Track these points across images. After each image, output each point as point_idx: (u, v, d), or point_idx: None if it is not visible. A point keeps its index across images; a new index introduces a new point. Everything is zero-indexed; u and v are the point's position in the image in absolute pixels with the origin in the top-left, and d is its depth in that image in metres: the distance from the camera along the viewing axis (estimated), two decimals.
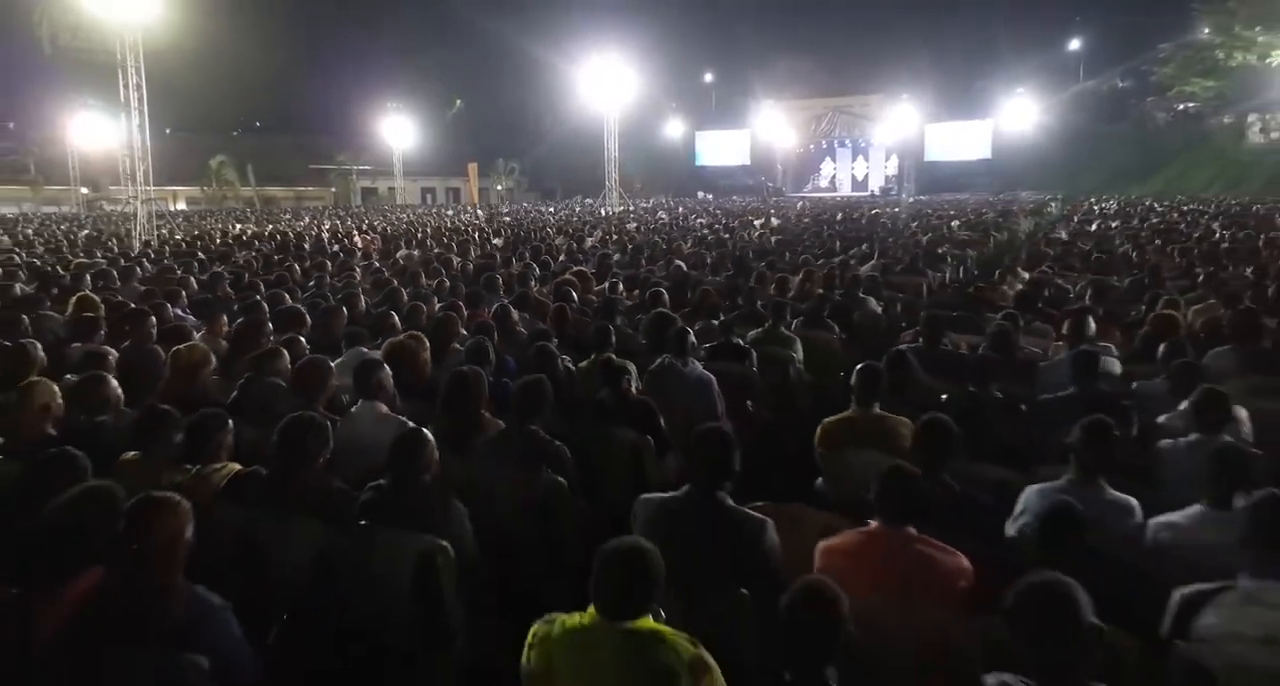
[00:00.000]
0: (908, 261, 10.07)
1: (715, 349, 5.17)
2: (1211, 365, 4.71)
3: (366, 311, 6.33)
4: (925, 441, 2.82)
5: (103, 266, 9.68)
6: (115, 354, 4.68)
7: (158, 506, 2.19)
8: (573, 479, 3.24)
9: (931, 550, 2.34)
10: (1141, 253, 10.52)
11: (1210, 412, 3.09)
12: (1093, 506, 2.56)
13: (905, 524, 2.40)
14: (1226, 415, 3.12)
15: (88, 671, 2.06)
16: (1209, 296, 6.50)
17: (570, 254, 11.64)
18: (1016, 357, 4.45)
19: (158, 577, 2.13)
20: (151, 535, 2.13)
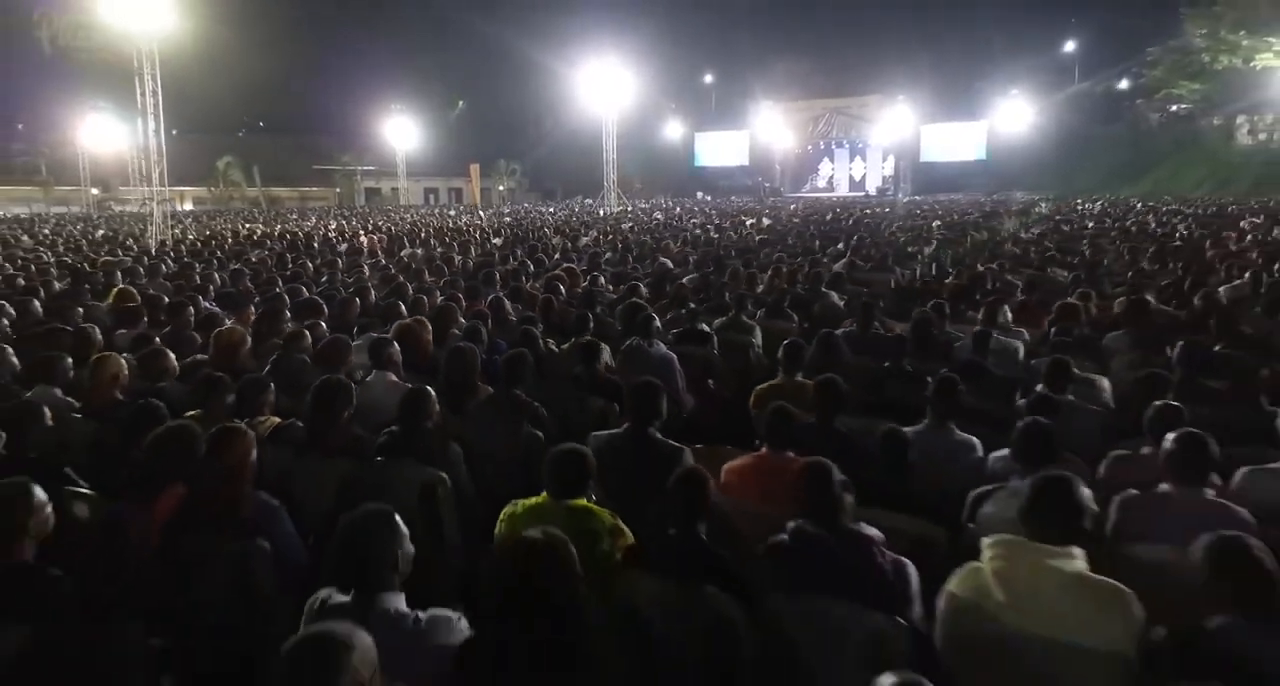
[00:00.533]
0: (878, 259, 10.83)
1: (681, 334, 5.92)
2: (1110, 345, 5.48)
3: (375, 303, 7.07)
4: (820, 397, 3.56)
5: (128, 264, 10.45)
6: (158, 338, 5.44)
7: (231, 433, 2.94)
8: (549, 433, 3.98)
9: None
10: (1096, 251, 11.25)
11: (1056, 378, 3.84)
12: (942, 443, 3.30)
13: (785, 450, 3.15)
14: (1068, 379, 3.86)
15: (180, 557, 2.80)
16: (1135, 291, 7.25)
17: (564, 252, 12.38)
18: (933, 339, 5.18)
19: (233, 487, 2.88)
20: (227, 454, 2.89)
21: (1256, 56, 31.71)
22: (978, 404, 3.64)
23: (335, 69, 57.93)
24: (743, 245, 13.37)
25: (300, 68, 56.91)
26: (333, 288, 7.97)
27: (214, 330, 5.11)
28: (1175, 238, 13.05)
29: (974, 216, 21.88)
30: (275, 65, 53.78)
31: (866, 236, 14.09)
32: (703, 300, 7.38)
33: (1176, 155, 41.56)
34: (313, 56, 57.17)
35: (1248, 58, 32.15)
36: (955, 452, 3.35)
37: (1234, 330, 5.15)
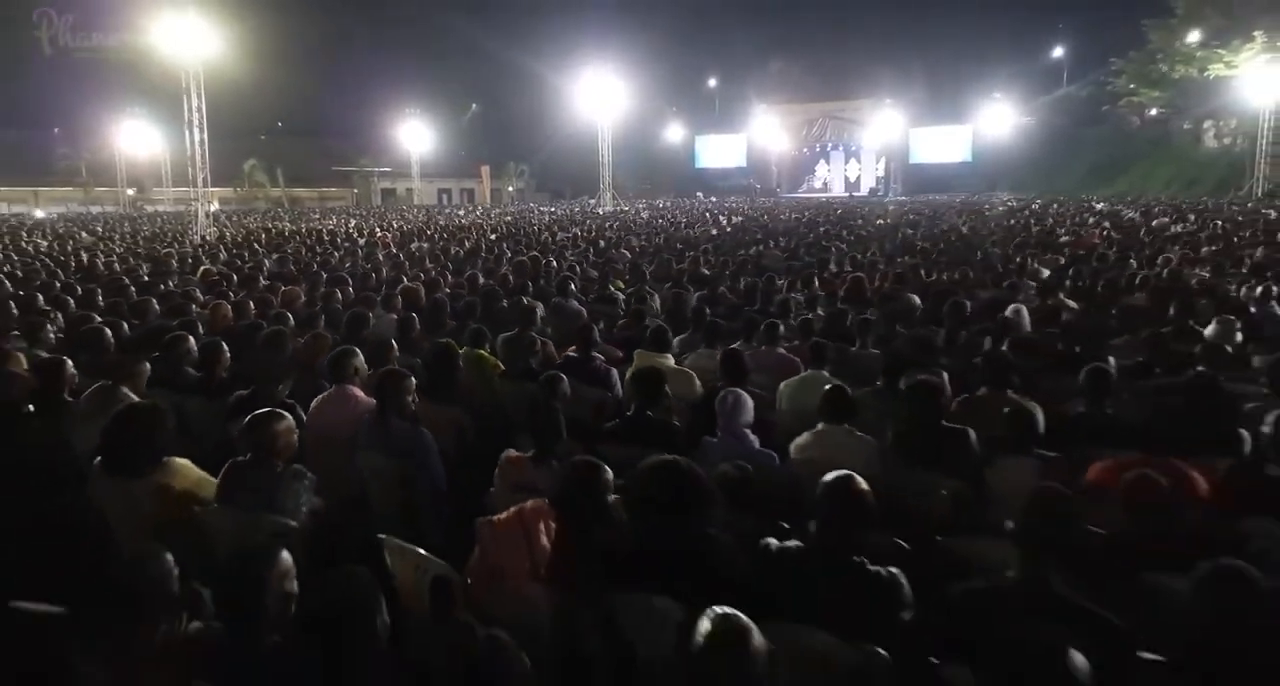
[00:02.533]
0: (796, 252, 13.43)
1: (596, 297, 8.54)
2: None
3: (385, 278, 9.72)
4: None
5: (193, 253, 13.20)
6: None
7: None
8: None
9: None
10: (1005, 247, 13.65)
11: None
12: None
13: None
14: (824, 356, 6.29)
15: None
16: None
17: (543, 245, 15.04)
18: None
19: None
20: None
21: (1210, 66, 33.99)
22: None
23: (354, 77, 60.85)
24: (694, 241, 15.94)
25: (321, 76, 59.88)
26: (355, 268, 10.64)
27: (279, 291, 7.79)
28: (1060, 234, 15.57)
29: (919, 216, 24.27)
30: (297, 74, 56.82)
31: (808, 233, 16.65)
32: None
33: (1149, 157, 43.81)
34: (333, 66, 60.10)
35: (1202, 67, 34.43)
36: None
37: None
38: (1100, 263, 10.27)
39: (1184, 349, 5.13)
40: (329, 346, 5.13)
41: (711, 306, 7.33)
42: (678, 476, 2.54)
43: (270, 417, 3.31)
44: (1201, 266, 9.83)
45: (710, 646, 1.88)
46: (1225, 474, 3.20)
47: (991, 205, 30.93)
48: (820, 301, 7.58)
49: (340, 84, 61.78)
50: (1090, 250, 12.41)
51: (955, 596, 2.47)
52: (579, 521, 2.57)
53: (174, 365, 5.02)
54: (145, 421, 3.24)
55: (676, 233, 17.56)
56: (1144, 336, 5.51)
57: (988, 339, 5.79)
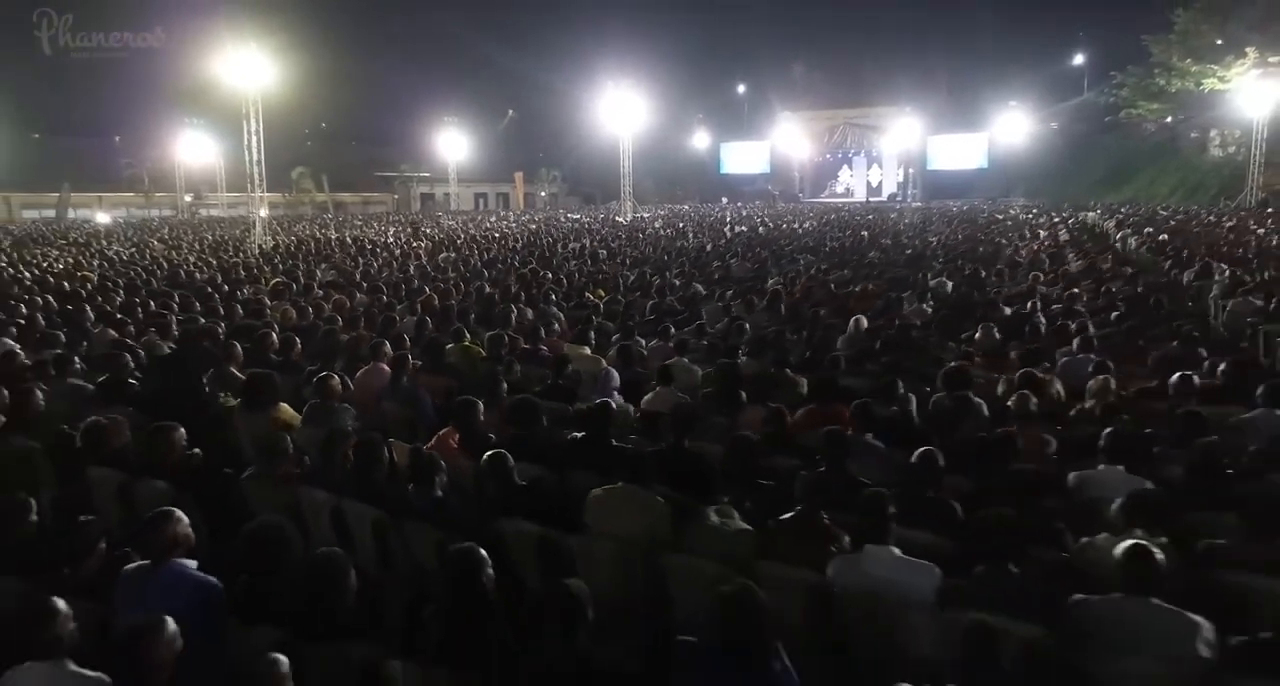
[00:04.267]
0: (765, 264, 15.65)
1: (575, 304, 10.86)
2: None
3: (414, 288, 12.14)
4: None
5: (253, 263, 15.77)
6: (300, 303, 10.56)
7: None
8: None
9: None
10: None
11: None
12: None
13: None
14: (669, 377, 8.69)
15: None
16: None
17: (553, 255, 17.43)
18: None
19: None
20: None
21: (1204, 81, 35.49)
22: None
23: (395, 88, 63.97)
24: (681, 251, 18.21)
25: (364, 87, 63.20)
26: (390, 276, 13.11)
27: (331, 298, 10.24)
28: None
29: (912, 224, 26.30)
30: (343, 86, 60.15)
31: (786, 244, 18.85)
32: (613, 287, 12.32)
33: (1156, 164, 45.18)
34: (376, 78, 63.29)
35: (1197, 82, 35.94)
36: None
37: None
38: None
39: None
40: (368, 340, 7.52)
41: (652, 313, 9.64)
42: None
43: (327, 378, 5.70)
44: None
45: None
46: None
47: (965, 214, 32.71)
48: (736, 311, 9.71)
49: (382, 95, 65.09)
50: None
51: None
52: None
53: (263, 351, 7.43)
54: (267, 383, 5.66)
55: (670, 244, 19.82)
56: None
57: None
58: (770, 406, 5.07)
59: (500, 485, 4.11)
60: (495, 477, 4.13)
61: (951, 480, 3.98)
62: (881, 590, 2.95)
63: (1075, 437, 4.60)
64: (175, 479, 4.41)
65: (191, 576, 3.13)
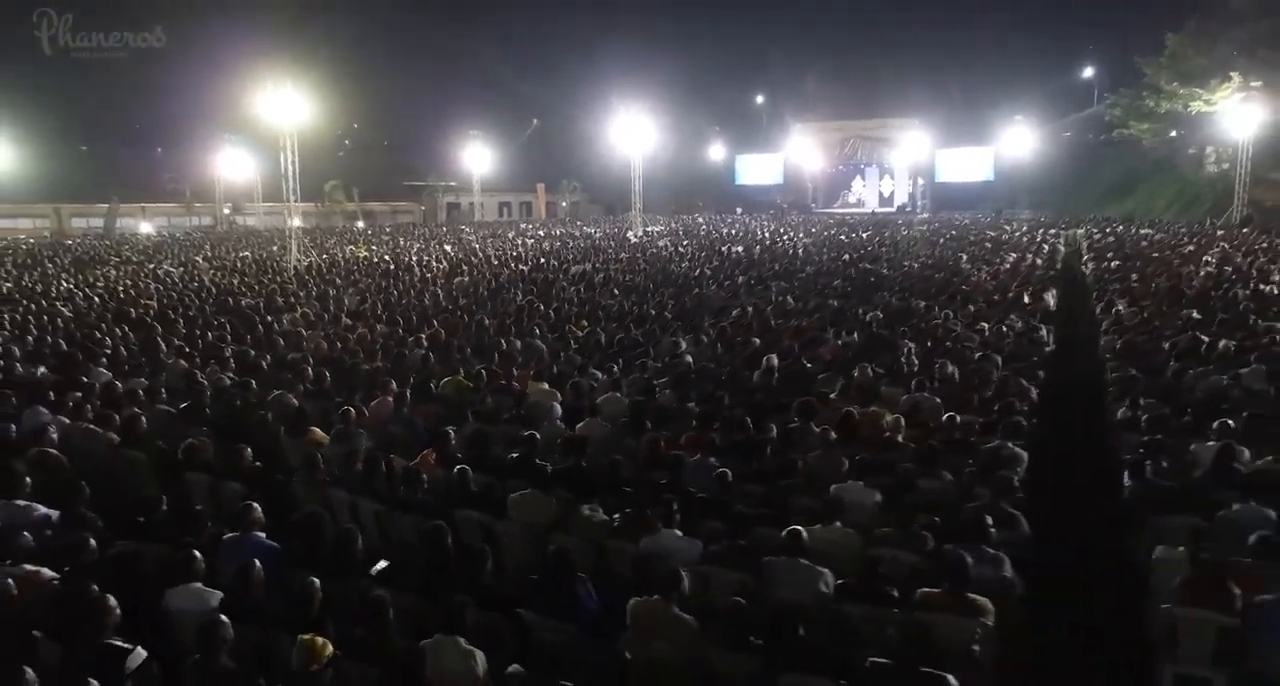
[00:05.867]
0: (737, 292, 17.68)
1: (556, 337, 12.95)
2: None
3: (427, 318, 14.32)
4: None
5: (291, 287, 18.06)
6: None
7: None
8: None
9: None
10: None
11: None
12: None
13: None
14: (580, 394, 10.75)
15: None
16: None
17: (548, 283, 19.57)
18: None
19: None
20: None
21: (1191, 103, 37.04)
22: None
23: (425, 100, 67.00)
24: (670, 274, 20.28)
25: (394, 101, 66.22)
26: (410, 303, 15.33)
27: (355, 331, 12.45)
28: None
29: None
30: (376, 100, 63.13)
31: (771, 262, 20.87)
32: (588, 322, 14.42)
33: (1156, 178, 46.64)
34: (407, 91, 66.28)
35: (1184, 104, 37.48)
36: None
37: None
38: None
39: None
40: (383, 372, 9.68)
41: (616, 346, 11.74)
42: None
43: (348, 411, 7.84)
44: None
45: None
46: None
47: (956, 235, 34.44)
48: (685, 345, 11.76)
49: (412, 108, 68.26)
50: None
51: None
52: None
53: (299, 379, 9.62)
54: (302, 416, 7.83)
55: (664, 267, 21.91)
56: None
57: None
58: (655, 434, 7.20)
59: (461, 489, 6.24)
60: (458, 484, 6.27)
61: (750, 488, 6.06)
62: (663, 553, 5.04)
63: (862, 461, 6.64)
64: (246, 482, 6.60)
65: (264, 543, 5.29)
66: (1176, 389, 8.45)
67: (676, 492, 5.89)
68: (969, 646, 4.28)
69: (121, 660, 3.87)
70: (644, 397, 8.41)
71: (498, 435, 7.41)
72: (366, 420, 8.18)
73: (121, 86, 52.75)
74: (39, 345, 12.00)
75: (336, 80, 54.36)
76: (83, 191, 51.98)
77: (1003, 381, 8.80)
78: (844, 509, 5.66)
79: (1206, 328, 12.29)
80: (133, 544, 5.37)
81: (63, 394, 8.98)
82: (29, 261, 26.61)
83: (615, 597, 4.63)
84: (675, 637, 4.18)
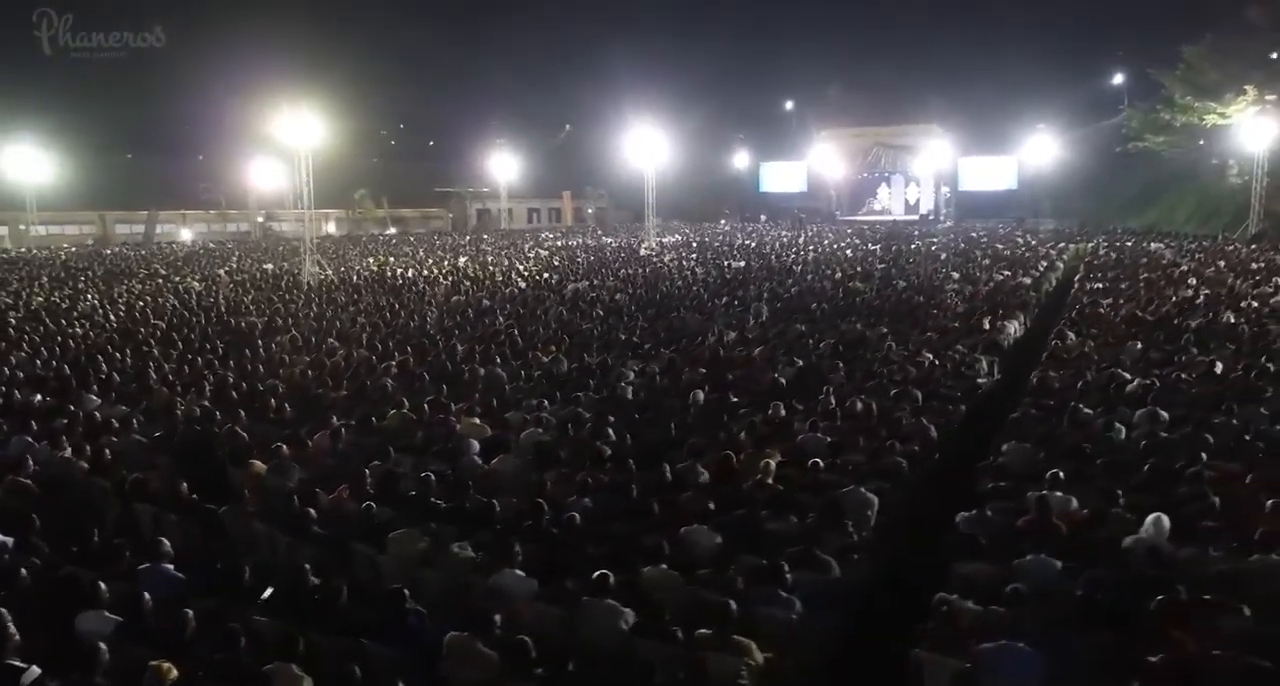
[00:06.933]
0: (714, 315, 18.39)
1: (521, 363, 13.79)
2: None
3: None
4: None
5: (299, 308, 19.16)
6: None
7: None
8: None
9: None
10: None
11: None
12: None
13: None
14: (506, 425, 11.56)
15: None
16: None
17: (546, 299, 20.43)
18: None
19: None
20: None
21: (1206, 116, 36.93)
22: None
23: (458, 107, 68.60)
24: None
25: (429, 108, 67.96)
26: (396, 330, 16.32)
27: (336, 353, 13.41)
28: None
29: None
30: (408, 106, 64.82)
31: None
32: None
33: (1177, 190, 46.38)
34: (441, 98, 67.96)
35: (1199, 117, 37.38)
36: None
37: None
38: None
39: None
40: (338, 404, 10.61)
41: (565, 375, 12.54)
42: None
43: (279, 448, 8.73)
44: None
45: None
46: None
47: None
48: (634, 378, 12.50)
49: (445, 115, 69.87)
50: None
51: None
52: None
53: (265, 411, 10.58)
54: (245, 448, 8.75)
55: (659, 286, 22.69)
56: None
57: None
58: (553, 470, 8.04)
59: (362, 523, 7.10)
60: (360, 519, 7.13)
61: (616, 527, 6.86)
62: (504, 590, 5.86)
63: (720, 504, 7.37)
64: (183, 512, 7.53)
65: (170, 573, 6.17)
66: (1051, 433, 9.01)
67: (539, 532, 6.70)
68: (735, 681, 5.01)
69: (17, 677, 4.75)
70: (554, 435, 9.19)
71: (415, 470, 8.24)
72: (309, 452, 9.08)
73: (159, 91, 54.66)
74: (45, 368, 13.13)
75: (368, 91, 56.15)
76: (125, 198, 54.07)
77: (894, 422, 9.43)
78: (690, 550, 6.42)
79: (1146, 360, 12.84)
80: (71, 569, 6.32)
81: (51, 421, 10.05)
82: (63, 275, 28.13)
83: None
84: (479, 669, 4.97)
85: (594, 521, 6.97)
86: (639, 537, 6.66)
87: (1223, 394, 10.10)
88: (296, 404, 11.00)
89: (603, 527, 6.89)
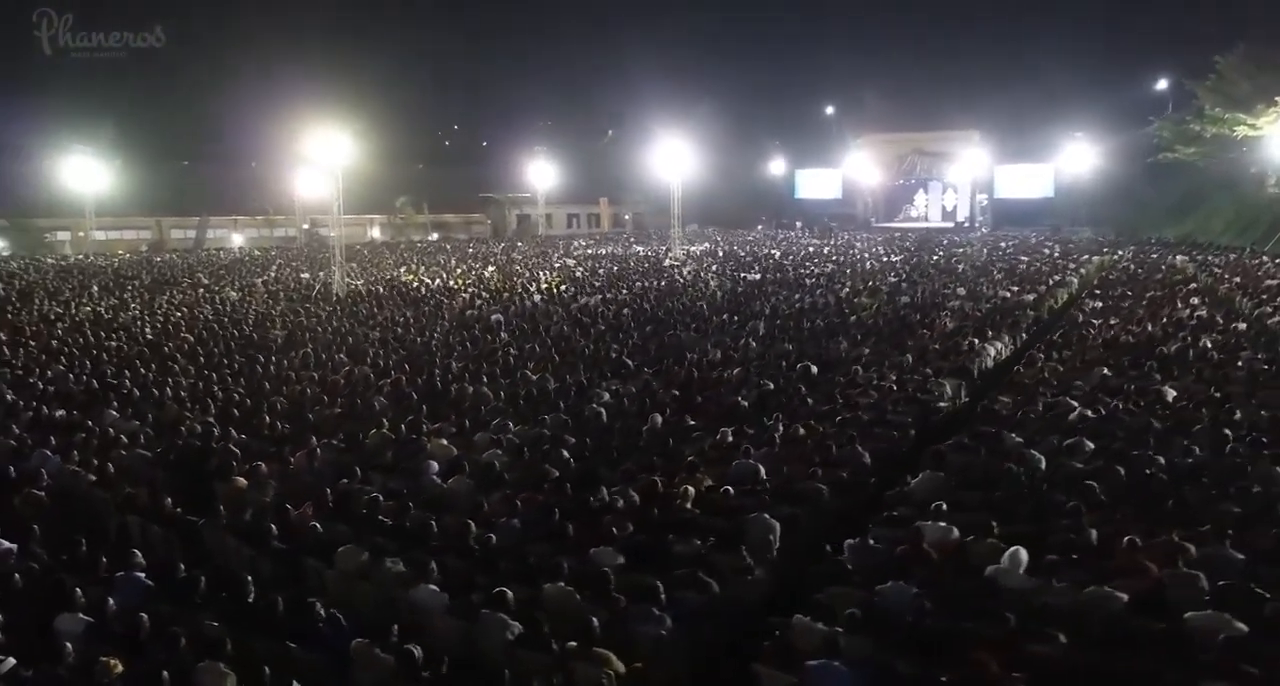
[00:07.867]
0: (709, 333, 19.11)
1: (509, 381, 14.69)
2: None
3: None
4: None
5: (320, 323, 20.33)
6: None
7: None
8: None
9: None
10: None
11: None
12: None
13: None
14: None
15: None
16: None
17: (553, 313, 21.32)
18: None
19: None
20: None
21: (1236, 128, 36.57)
22: None
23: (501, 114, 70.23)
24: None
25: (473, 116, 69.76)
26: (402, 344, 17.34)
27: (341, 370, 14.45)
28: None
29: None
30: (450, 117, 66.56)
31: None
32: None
33: (1215, 199, 45.73)
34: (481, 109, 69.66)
35: (1230, 128, 37.02)
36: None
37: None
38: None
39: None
40: (329, 422, 11.60)
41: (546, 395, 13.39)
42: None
43: (256, 468, 9.72)
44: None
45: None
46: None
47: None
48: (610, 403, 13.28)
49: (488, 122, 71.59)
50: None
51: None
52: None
53: (259, 428, 11.60)
54: (229, 465, 9.77)
55: (664, 301, 23.43)
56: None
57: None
58: (498, 491, 8.89)
59: (317, 538, 8.04)
60: (314, 534, 8.07)
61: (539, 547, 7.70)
62: (419, 604, 6.74)
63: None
64: (167, 525, 8.55)
65: (139, 580, 7.15)
66: (969, 463, 9.61)
67: (465, 550, 7.57)
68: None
69: None
70: (509, 456, 10.06)
71: (383, 489, 9.16)
72: (291, 468, 10.07)
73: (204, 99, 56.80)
74: (76, 383, 14.36)
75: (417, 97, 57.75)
76: (181, 204, 56.41)
77: (825, 448, 10.10)
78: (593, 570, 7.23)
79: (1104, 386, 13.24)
80: (61, 575, 7.36)
81: (71, 435, 11.21)
82: (112, 284, 29.81)
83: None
84: (376, 672, 5.86)
85: (518, 541, 7.80)
86: (553, 557, 7.48)
87: (1148, 426, 10.53)
88: (292, 421, 12.00)
89: (521, 548, 7.72)
